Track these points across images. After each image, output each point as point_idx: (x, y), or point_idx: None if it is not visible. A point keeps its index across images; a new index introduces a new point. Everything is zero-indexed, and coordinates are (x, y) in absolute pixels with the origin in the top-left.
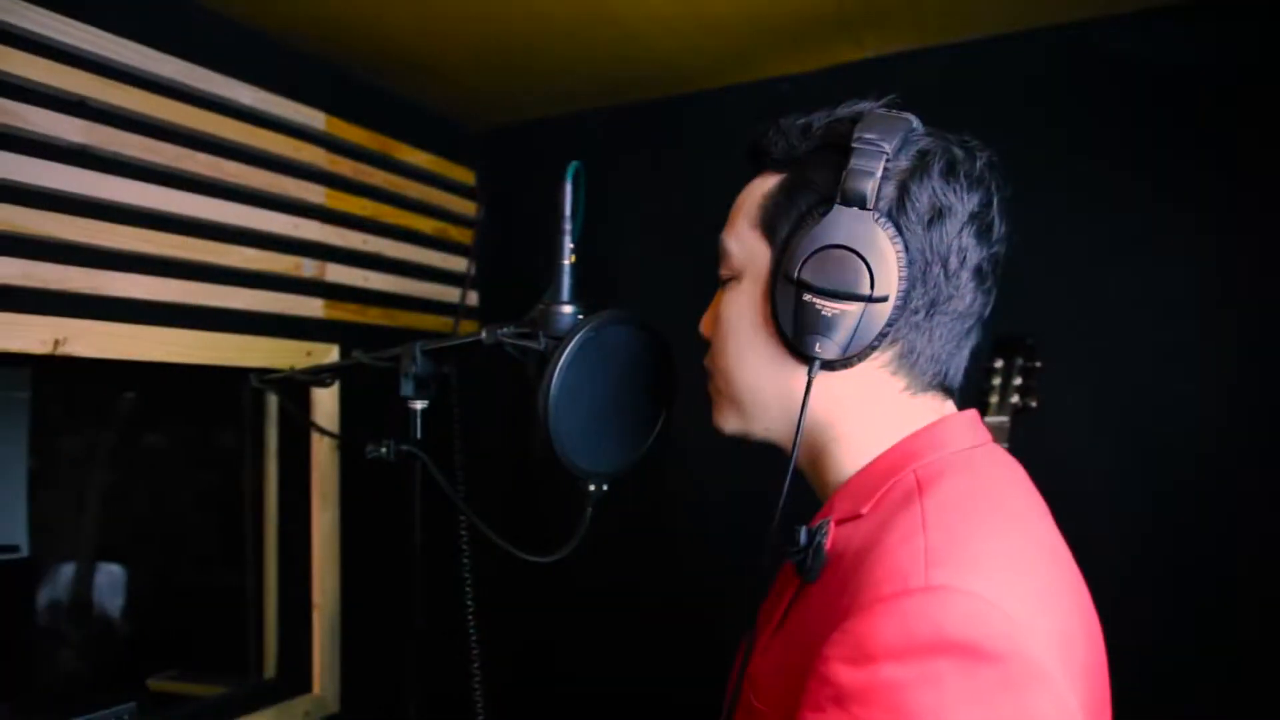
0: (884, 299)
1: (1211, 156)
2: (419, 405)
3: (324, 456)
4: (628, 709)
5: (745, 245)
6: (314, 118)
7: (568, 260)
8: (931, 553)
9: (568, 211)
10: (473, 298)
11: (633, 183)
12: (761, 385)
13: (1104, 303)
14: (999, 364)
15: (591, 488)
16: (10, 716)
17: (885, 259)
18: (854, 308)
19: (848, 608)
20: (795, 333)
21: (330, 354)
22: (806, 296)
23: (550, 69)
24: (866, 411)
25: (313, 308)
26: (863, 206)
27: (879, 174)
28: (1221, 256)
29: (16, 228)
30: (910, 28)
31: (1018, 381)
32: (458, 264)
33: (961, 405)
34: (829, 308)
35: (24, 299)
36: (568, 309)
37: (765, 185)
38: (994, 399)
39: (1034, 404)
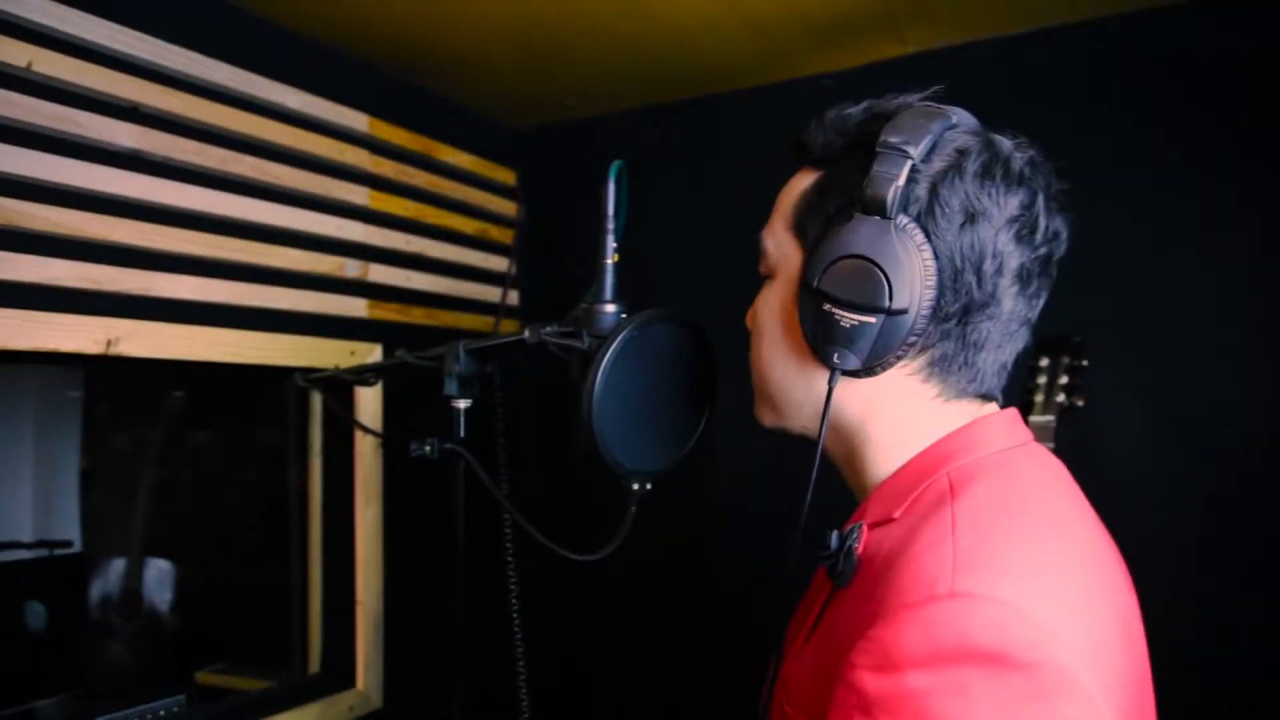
0: (903, 311)
1: (1264, 151)
2: (462, 404)
3: (367, 455)
4: (668, 708)
5: (780, 245)
6: (357, 120)
7: (610, 259)
8: (959, 559)
9: (610, 211)
10: (513, 297)
11: (673, 182)
12: (790, 385)
13: (1152, 300)
14: (1044, 363)
15: (635, 486)
16: (65, 707)
17: (905, 269)
18: (873, 319)
19: (874, 614)
20: (816, 342)
21: (373, 353)
22: (826, 306)
23: (591, 68)
24: (897, 416)
25: (356, 308)
26: (883, 215)
27: (902, 180)
28: (1274, 253)
29: (71, 230)
30: (954, 22)
31: (1063, 380)
32: (498, 264)
33: (1007, 404)
34: (848, 319)
35: (78, 300)
36: (611, 308)
37: (802, 183)
38: (1039, 398)
39: (1080, 403)
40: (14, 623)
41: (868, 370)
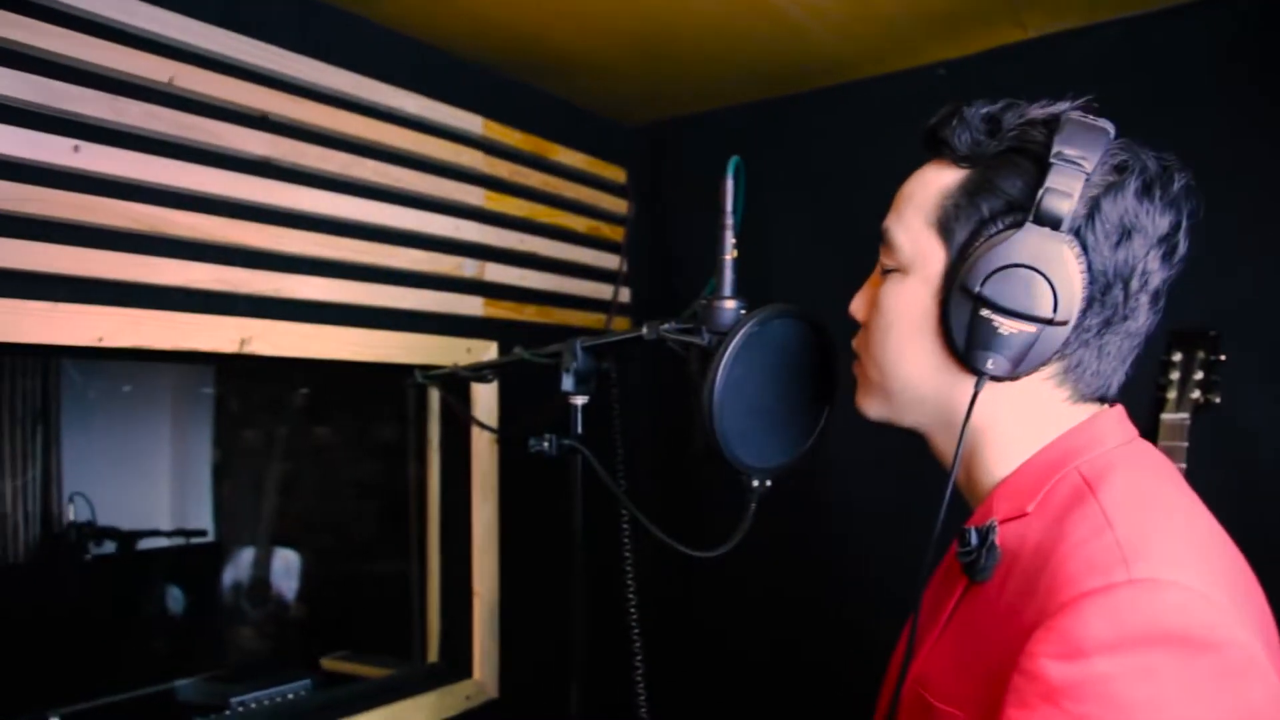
0: (1063, 323)
1: None
2: (580, 401)
3: (484, 450)
4: (784, 704)
5: (916, 242)
6: (473, 122)
7: (729, 255)
8: (1126, 546)
9: (729, 207)
10: (624, 294)
11: (786, 176)
12: (920, 384)
13: None
14: (1177, 357)
15: (755, 483)
16: (201, 687)
17: (1070, 282)
18: (1031, 328)
19: (1043, 606)
20: (967, 346)
21: (489, 350)
22: (984, 312)
23: (703, 64)
24: (1024, 417)
25: (473, 306)
26: (1055, 227)
27: (1077, 194)
28: None
29: (207, 235)
30: (1077, 3)
31: (1198, 376)
32: (610, 261)
33: (1136, 400)
34: (1006, 326)
35: (214, 301)
36: (730, 304)
37: (942, 179)
38: (1172, 395)
39: (1216, 400)
40: (156, 606)
41: (1011, 377)
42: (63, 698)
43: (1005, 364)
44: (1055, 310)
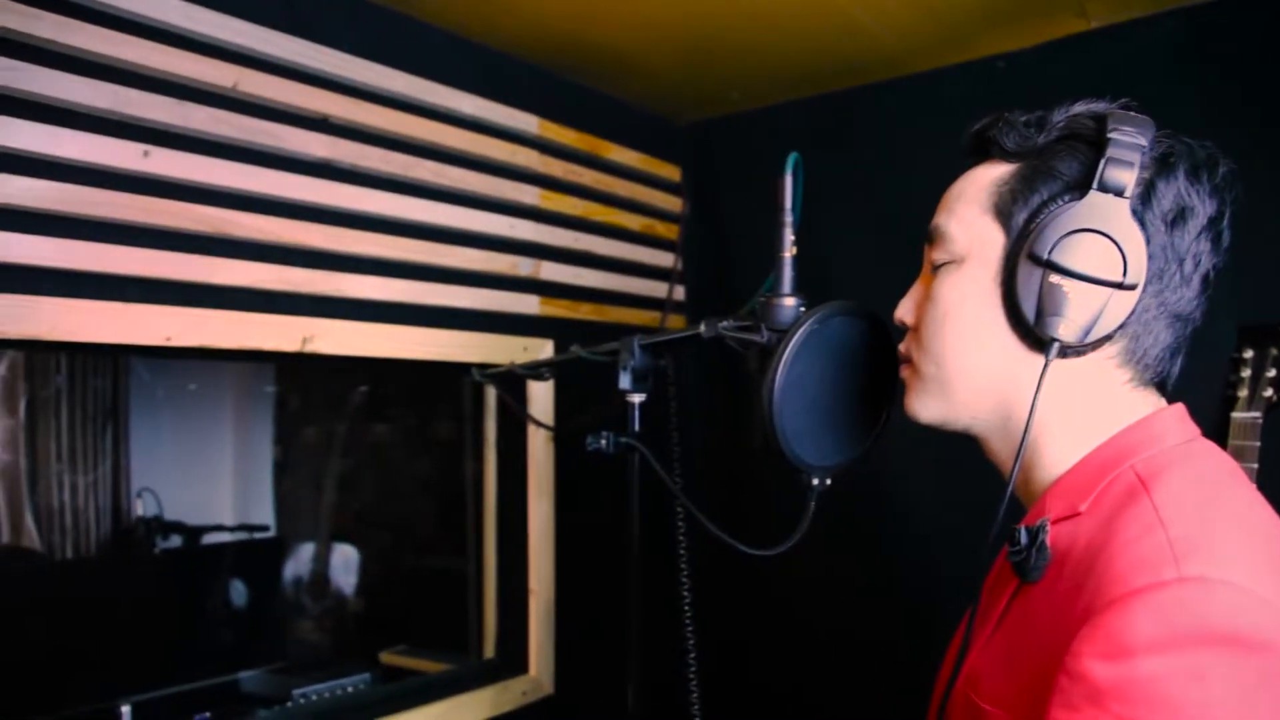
0: (1134, 286)
1: None
2: (637, 398)
3: (540, 448)
4: (837, 705)
5: (972, 229)
6: (528, 122)
7: (788, 253)
8: (1177, 545)
9: (788, 203)
10: (679, 292)
11: (841, 172)
12: (982, 370)
13: None
14: (1249, 354)
15: (814, 482)
16: (264, 680)
17: (1138, 248)
18: (1101, 293)
19: (1090, 605)
20: (1037, 314)
21: (544, 349)
22: (1054, 278)
23: (756, 60)
24: (1085, 402)
25: (528, 304)
26: (1120, 195)
27: (1137, 166)
28: None
29: (271, 236)
30: None
31: (1271, 373)
32: (664, 259)
33: (1204, 399)
34: (1076, 290)
35: (278, 301)
36: (790, 301)
37: (993, 173)
38: (1243, 393)
39: None
40: (220, 599)
41: (1077, 350)
42: (133, 687)
43: (1076, 330)
44: (1125, 273)
